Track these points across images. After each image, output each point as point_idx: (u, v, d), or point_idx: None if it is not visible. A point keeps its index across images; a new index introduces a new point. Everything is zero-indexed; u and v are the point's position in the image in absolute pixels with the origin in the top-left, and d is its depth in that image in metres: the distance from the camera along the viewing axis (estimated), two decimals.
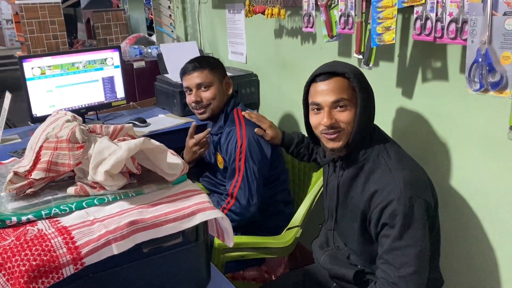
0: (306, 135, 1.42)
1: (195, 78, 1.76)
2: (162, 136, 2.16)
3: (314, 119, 1.27)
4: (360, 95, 1.22)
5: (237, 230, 1.71)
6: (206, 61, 1.81)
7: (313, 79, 1.27)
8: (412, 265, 1.12)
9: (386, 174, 1.19)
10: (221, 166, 1.79)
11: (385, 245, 1.16)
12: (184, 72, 1.81)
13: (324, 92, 1.23)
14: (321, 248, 1.44)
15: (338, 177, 1.31)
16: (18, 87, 2.31)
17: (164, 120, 2.35)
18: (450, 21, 1.26)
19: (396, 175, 1.18)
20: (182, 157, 1.81)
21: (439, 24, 1.30)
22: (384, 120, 1.70)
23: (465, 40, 1.22)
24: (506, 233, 1.36)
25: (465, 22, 1.22)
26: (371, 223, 1.21)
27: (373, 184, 1.20)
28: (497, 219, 1.37)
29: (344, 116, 1.23)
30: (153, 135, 2.13)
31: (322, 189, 1.66)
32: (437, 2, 1.28)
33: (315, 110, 1.26)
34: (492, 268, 1.42)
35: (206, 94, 1.75)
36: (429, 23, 1.32)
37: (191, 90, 1.78)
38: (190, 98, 1.79)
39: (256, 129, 1.68)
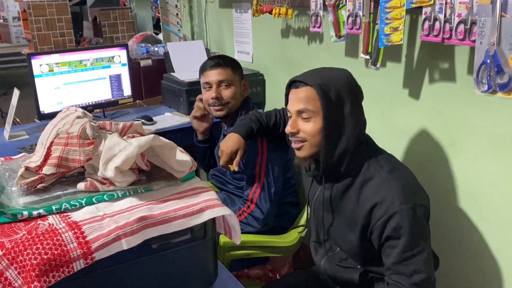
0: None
1: (217, 74, 1.75)
2: (168, 134, 2.17)
3: (287, 126, 1.27)
4: (325, 109, 1.17)
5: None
6: (229, 60, 1.81)
7: (290, 85, 1.27)
8: (423, 271, 1.14)
9: (382, 185, 1.18)
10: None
11: (393, 256, 1.16)
12: (204, 67, 1.80)
13: (293, 99, 1.23)
14: (316, 250, 1.44)
15: (325, 190, 1.28)
16: (24, 84, 2.32)
17: (170, 119, 2.37)
18: (459, 22, 1.26)
19: (393, 186, 1.16)
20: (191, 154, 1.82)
21: (447, 25, 1.30)
22: (390, 120, 1.71)
23: (474, 41, 1.22)
24: None
25: (473, 23, 1.22)
26: (373, 235, 1.20)
27: (371, 196, 1.18)
28: (504, 219, 1.37)
29: (306, 127, 1.20)
30: (159, 133, 2.12)
31: None
32: (446, 3, 1.29)
33: (288, 116, 1.27)
34: (498, 269, 1.42)
35: (226, 93, 1.75)
36: (437, 24, 1.32)
37: (210, 86, 1.77)
38: (209, 94, 1.76)
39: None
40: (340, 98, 1.19)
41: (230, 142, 1.51)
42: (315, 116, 1.19)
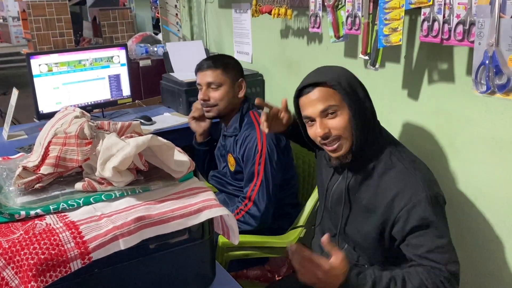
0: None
1: (207, 76, 1.77)
2: (167, 134, 2.17)
3: (310, 132, 1.26)
4: (347, 98, 1.19)
5: (242, 230, 1.72)
6: (222, 60, 1.80)
7: (299, 94, 1.26)
8: (457, 261, 1.13)
9: (404, 175, 1.17)
10: (232, 168, 1.79)
11: (425, 245, 1.13)
12: (198, 68, 1.81)
13: (311, 103, 1.22)
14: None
15: (346, 180, 1.28)
16: (24, 84, 2.33)
17: (169, 119, 2.36)
18: (458, 23, 1.26)
19: (415, 176, 1.16)
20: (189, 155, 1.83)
21: (446, 26, 1.30)
22: (389, 121, 1.71)
23: (472, 42, 1.22)
24: None
25: (472, 24, 1.22)
26: (395, 226, 1.18)
27: (392, 186, 1.18)
28: (503, 221, 1.37)
29: (336, 122, 1.20)
30: (158, 134, 2.12)
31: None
32: (445, 4, 1.29)
33: (309, 122, 1.25)
34: (498, 271, 1.42)
35: (214, 94, 1.76)
36: (436, 25, 1.32)
37: (201, 88, 1.79)
38: (199, 96, 1.80)
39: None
40: (352, 87, 1.22)
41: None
42: (339, 110, 1.20)
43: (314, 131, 1.23)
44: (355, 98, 1.21)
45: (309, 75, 1.27)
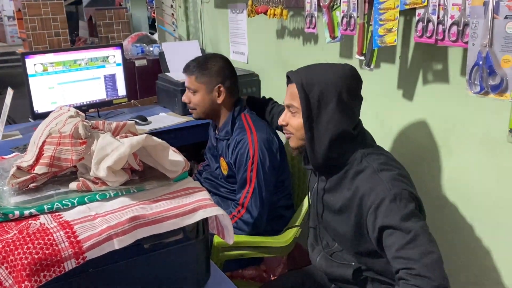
0: None
1: (185, 80, 1.81)
2: (163, 134, 2.17)
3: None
4: (304, 106, 1.22)
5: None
6: (200, 65, 1.76)
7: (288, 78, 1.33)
8: (432, 251, 1.10)
9: (372, 176, 1.19)
10: (224, 172, 1.79)
11: (395, 243, 1.13)
12: (183, 70, 1.83)
13: (287, 93, 1.31)
14: (313, 248, 1.44)
15: (321, 182, 1.31)
16: (19, 83, 2.32)
17: (165, 119, 2.36)
18: (452, 24, 1.27)
19: (382, 176, 1.17)
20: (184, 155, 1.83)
21: (440, 27, 1.30)
22: (384, 121, 1.71)
23: (466, 42, 1.22)
24: (505, 235, 1.36)
25: (466, 25, 1.23)
26: (369, 228, 1.19)
27: (361, 187, 1.19)
28: (496, 221, 1.38)
29: (292, 121, 1.29)
30: (154, 133, 2.13)
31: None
32: (439, 5, 1.29)
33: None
34: (491, 269, 1.43)
35: (193, 98, 1.78)
36: (430, 26, 1.33)
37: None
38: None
39: None
40: (322, 98, 1.22)
41: None
42: (298, 112, 1.26)
43: (279, 118, 1.34)
44: (316, 110, 1.22)
45: (303, 67, 1.33)
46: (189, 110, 1.85)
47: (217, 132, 1.84)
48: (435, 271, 1.08)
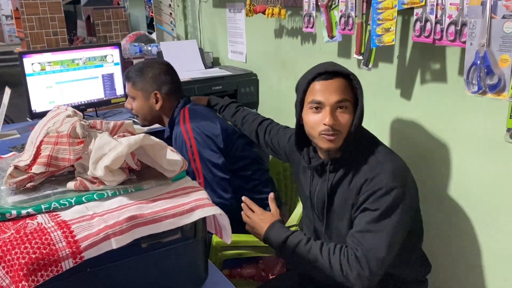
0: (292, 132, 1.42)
1: (126, 87, 1.79)
2: (160, 134, 2.16)
3: (313, 118, 1.22)
4: (361, 98, 1.22)
5: (235, 229, 1.71)
6: (136, 72, 1.74)
7: (314, 77, 1.22)
8: (382, 251, 1.14)
9: (375, 165, 1.20)
10: None
11: (360, 225, 1.17)
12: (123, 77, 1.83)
13: (327, 91, 1.19)
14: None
15: (328, 181, 1.28)
16: (17, 83, 2.31)
17: None
18: (450, 24, 1.27)
19: (385, 166, 1.19)
20: None
21: (438, 26, 1.31)
22: (382, 120, 1.71)
23: (464, 42, 1.23)
24: (503, 235, 1.37)
25: (464, 24, 1.23)
26: (355, 208, 1.21)
27: (363, 176, 1.20)
28: (494, 221, 1.38)
29: (344, 118, 1.20)
30: (152, 133, 2.12)
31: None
32: (437, 4, 1.29)
33: (314, 109, 1.22)
34: (490, 268, 1.43)
35: (134, 106, 1.76)
36: (428, 25, 1.33)
37: None
38: None
39: None
40: (361, 88, 1.23)
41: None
42: (350, 106, 1.21)
43: (321, 119, 1.20)
44: (363, 99, 1.23)
45: (325, 63, 1.26)
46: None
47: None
48: (370, 265, 1.14)
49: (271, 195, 1.42)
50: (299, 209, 1.74)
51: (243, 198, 1.43)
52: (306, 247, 1.23)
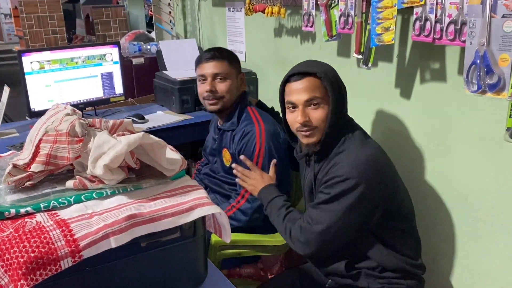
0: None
1: (212, 67, 1.71)
2: (160, 133, 2.16)
3: (290, 117, 1.34)
4: (332, 93, 1.27)
5: (234, 228, 1.71)
6: (226, 52, 1.77)
7: (287, 79, 1.33)
8: (319, 227, 1.25)
9: (343, 155, 1.28)
10: (227, 163, 1.75)
11: (313, 203, 1.30)
12: (200, 59, 1.76)
13: (297, 91, 1.30)
14: None
15: (313, 170, 1.36)
16: (15, 81, 2.31)
17: (162, 117, 2.36)
18: (449, 23, 1.27)
19: (349, 157, 1.26)
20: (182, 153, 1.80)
21: (438, 25, 1.30)
22: (381, 119, 1.71)
23: (464, 41, 1.22)
24: (502, 234, 1.37)
25: (464, 23, 1.23)
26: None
27: (332, 164, 1.28)
28: (493, 220, 1.38)
29: (317, 114, 1.29)
30: (151, 132, 2.12)
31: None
32: (437, 4, 1.29)
33: (291, 108, 1.33)
34: (488, 270, 1.43)
35: (221, 86, 1.71)
36: (428, 24, 1.33)
37: (205, 79, 1.73)
38: (203, 87, 1.73)
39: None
40: (338, 84, 1.31)
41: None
42: (322, 103, 1.29)
43: (295, 118, 1.31)
44: (338, 94, 1.29)
45: (299, 64, 1.36)
46: (210, 100, 1.72)
47: (219, 124, 1.80)
48: (306, 234, 1.28)
49: (274, 161, 1.60)
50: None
51: (234, 165, 1.63)
52: (280, 211, 1.41)
